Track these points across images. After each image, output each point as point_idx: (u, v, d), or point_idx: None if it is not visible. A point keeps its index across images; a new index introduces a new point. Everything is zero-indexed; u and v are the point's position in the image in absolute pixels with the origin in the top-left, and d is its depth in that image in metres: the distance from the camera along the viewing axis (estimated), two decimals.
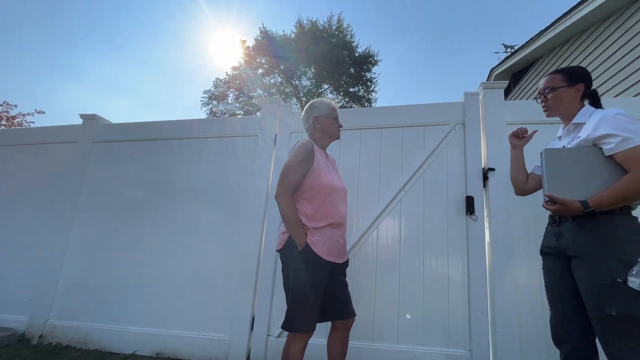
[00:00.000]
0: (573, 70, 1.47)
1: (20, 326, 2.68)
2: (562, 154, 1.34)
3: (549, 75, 1.50)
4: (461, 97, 2.49)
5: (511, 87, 6.26)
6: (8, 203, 3.08)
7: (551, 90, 1.46)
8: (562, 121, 1.53)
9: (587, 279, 1.20)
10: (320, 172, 1.60)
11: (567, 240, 1.31)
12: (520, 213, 2.16)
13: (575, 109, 1.43)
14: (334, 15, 15.31)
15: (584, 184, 1.26)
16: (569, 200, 1.25)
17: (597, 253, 1.19)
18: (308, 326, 1.48)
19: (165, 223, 2.70)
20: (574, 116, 1.42)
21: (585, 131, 1.31)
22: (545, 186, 1.33)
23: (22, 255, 2.90)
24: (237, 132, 2.81)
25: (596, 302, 1.17)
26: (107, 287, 2.65)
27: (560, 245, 1.35)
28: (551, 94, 1.47)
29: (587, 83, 1.44)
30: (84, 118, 3.17)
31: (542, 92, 1.51)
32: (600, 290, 1.16)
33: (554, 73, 1.48)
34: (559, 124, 2.25)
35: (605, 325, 1.16)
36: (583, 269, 1.22)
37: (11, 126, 8.83)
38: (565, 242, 1.31)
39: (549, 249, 1.43)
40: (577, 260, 1.25)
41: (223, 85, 17.05)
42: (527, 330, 1.99)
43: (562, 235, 1.35)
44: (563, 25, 4.51)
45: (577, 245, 1.26)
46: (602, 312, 1.15)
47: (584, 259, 1.22)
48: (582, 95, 1.44)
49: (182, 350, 2.37)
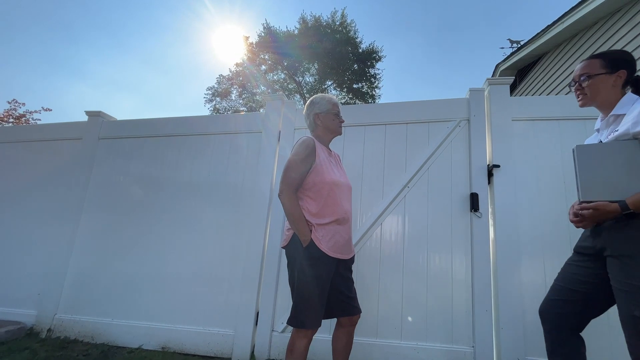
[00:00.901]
0: (614, 54, 1.31)
1: (29, 320, 2.73)
2: (596, 150, 1.23)
3: (586, 61, 1.34)
4: (466, 93, 2.48)
5: (517, 82, 6.20)
6: (16, 199, 3.12)
7: (588, 77, 1.31)
8: (600, 112, 1.37)
9: (620, 279, 1.15)
10: (322, 168, 1.60)
11: (604, 239, 1.23)
12: (526, 210, 2.15)
13: (615, 98, 1.28)
14: (338, 10, 15.26)
15: (622, 183, 1.14)
16: (603, 203, 1.16)
17: (634, 253, 1.13)
18: (313, 322, 1.49)
19: (170, 219, 2.72)
20: (614, 106, 1.27)
21: (624, 124, 1.17)
22: (578, 186, 1.23)
23: (30, 251, 2.94)
24: (241, 129, 2.81)
25: (625, 302, 1.13)
26: (113, 282, 2.69)
27: (596, 245, 1.26)
28: (588, 81, 1.31)
29: (631, 69, 1.28)
30: (90, 115, 3.19)
31: (577, 79, 1.35)
32: (631, 290, 1.11)
33: (593, 58, 1.32)
34: (570, 120, 2.25)
35: (631, 326, 1.12)
36: (617, 268, 1.17)
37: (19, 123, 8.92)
38: (603, 241, 1.23)
39: (584, 249, 1.33)
40: (612, 259, 1.19)
41: (226, 82, 17.08)
42: (531, 327, 1.99)
43: (599, 234, 1.25)
44: (570, 20, 4.44)
45: (614, 245, 1.19)
46: (629, 312, 1.11)
47: (620, 259, 1.16)
48: (624, 83, 1.28)
49: (187, 345, 2.40)
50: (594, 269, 1.28)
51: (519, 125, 2.30)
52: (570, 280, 1.35)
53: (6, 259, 2.98)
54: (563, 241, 2.05)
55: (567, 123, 2.24)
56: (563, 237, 2.05)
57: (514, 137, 2.27)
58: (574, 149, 1.25)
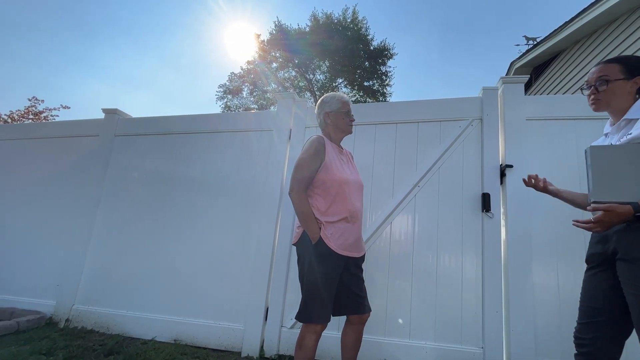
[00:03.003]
0: (632, 60, 1.29)
1: (49, 310, 2.83)
2: (610, 151, 1.22)
3: (603, 65, 1.31)
4: (479, 92, 2.44)
5: (532, 81, 6.06)
6: (37, 194, 3.24)
7: (606, 82, 1.28)
8: (610, 116, 1.35)
9: (633, 282, 1.13)
10: (332, 167, 1.61)
11: (615, 242, 1.19)
12: (539, 212, 2.11)
13: (628, 105, 1.27)
14: (349, 8, 15.15)
15: (635, 185, 1.14)
16: (615, 205, 1.13)
17: None
18: (321, 318, 1.51)
19: (183, 215, 2.78)
20: (626, 112, 1.26)
21: (638, 127, 1.17)
22: (590, 188, 1.21)
23: (50, 243, 3.05)
24: (252, 127, 2.84)
25: (638, 306, 1.11)
26: (127, 275, 2.77)
27: (607, 250, 1.23)
28: (604, 86, 1.29)
29: None
30: (106, 112, 3.27)
31: (592, 83, 1.32)
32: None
33: (611, 62, 1.30)
34: (587, 120, 2.19)
35: None
36: (629, 271, 1.14)
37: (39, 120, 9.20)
38: (613, 245, 1.20)
39: (595, 257, 1.29)
40: (623, 262, 1.17)
41: (238, 80, 17.20)
42: (542, 330, 1.97)
43: (609, 239, 1.22)
44: (590, 15, 4.31)
45: (624, 247, 1.17)
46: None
47: (632, 262, 1.14)
48: (638, 89, 1.27)
49: (198, 338, 2.46)
50: (608, 279, 1.24)
51: (534, 125, 2.26)
52: (591, 297, 1.29)
53: (27, 251, 3.09)
54: (577, 244, 2.01)
55: (583, 123, 2.19)
56: (578, 240, 2.01)
57: (528, 137, 2.23)
58: (587, 149, 1.24)
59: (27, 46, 23.88)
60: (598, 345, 1.24)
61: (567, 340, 1.41)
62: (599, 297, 1.27)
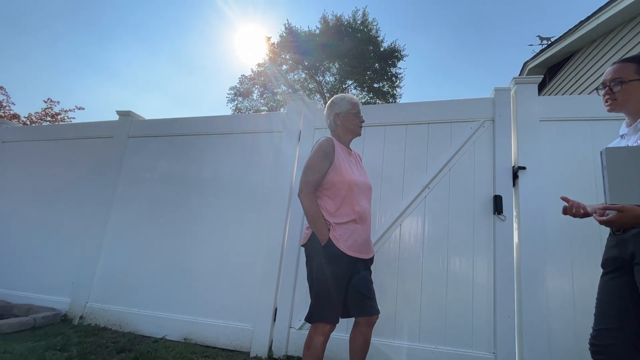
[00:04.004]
0: None
1: (63, 307, 2.91)
2: (626, 152, 1.19)
3: (618, 64, 1.28)
4: (491, 92, 2.41)
5: (546, 81, 5.93)
6: (53, 194, 3.33)
7: (620, 82, 1.25)
8: (626, 117, 1.32)
9: None
10: (340, 168, 1.62)
11: (632, 247, 1.15)
12: (553, 214, 2.06)
13: None
14: (359, 9, 15.15)
15: None
16: (631, 206, 1.09)
17: None
18: (330, 318, 1.51)
19: (193, 216, 2.81)
20: None
21: None
22: (606, 190, 1.18)
23: (65, 241, 3.13)
24: (262, 128, 2.87)
25: None
26: (139, 274, 2.82)
27: (624, 254, 1.19)
28: (620, 86, 1.25)
29: None
30: (120, 114, 3.35)
31: (607, 83, 1.29)
32: None
33: (626, 62, 1.27)
34: (602, 121, 2.13)
35: None
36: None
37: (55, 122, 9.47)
38: (631, 249, 1.16)
39: (611, 262, 1.25)
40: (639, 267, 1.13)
41: (248, 82, 17.36)
42: (557, 336, 1.92)
43: (626, 243, 1.18)
44: (608, 13, 4.19)
45: None
46: None
47: None
48: None
49: (207, 337, 2.48)
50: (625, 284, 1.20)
51: (548, 126, 2.22)
52: (607, 302, 1.25)
53: (44, 249, 3.18)
54: (594, 247, 1.96)
55: (599, 124, 2.14)
56: (594, 243, 1.96)
57: (541, 138, 2.19)
58: (603, 151, 1.21)
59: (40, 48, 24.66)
60: (615, 352, 1.20)
61: (583, 347, 1.37)
62: (615, 302, 1.23)
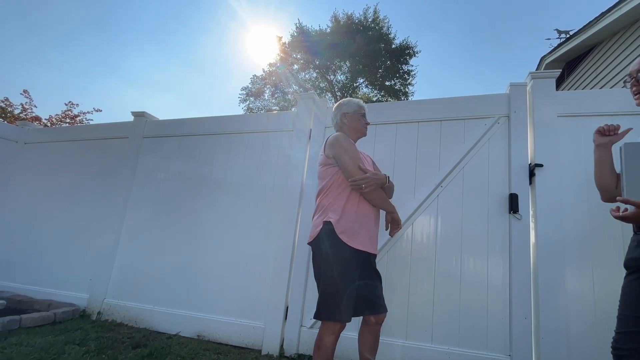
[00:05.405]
0: None
1: (82, 303, 3.00)
2: None
3: None
4: (506, 88, 2.34)
5: (564, 76, 5.74)
6: (72, 192, 3.44)
7: None
8: None
9: None
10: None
11: None
12: (571, 213, 2.00)
13: None
14: (370, 7, 15.02)
15: None
16: None
17: None
18: (339, 316, 1.49)
19: (206, 214, 2.85)
20: None
21: None
22: (624, 186, 1.14)
23: (83, 239, 3.23)
24: (272, 128, 2.88)
25: None
26: (154, 272, 2.88)
27: None
28: None
29: None
30: (135, 115, 3.42)
31: (634, 74, 1.26)
32: None
33: None
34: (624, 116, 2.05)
35: None
36: None
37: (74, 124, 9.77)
38: None
39: (633, 262, 1.21)
40: None
41: (260, 82, 17.49)
42: (576, 339, 1.85)
43: None
44: (631, 3, 4.01)
45: None
46: None
47: None
48: None
49: (220, 334, 2.51)
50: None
51: (566, 122, 2.14)
52: (631, 304, 1.19)
53: (63, 246, 3.29)
54: (615, 247, 1.88)
55: (621, 119, 2.04)
56: (615, 243, 1.88)
57: (559, 135, 2.12)
58: (621, 146, 1.16)
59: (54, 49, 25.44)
60: (638, 356, 1.15)
61: (604, 350, 1.32)
62: (639, 304, 1.18)
